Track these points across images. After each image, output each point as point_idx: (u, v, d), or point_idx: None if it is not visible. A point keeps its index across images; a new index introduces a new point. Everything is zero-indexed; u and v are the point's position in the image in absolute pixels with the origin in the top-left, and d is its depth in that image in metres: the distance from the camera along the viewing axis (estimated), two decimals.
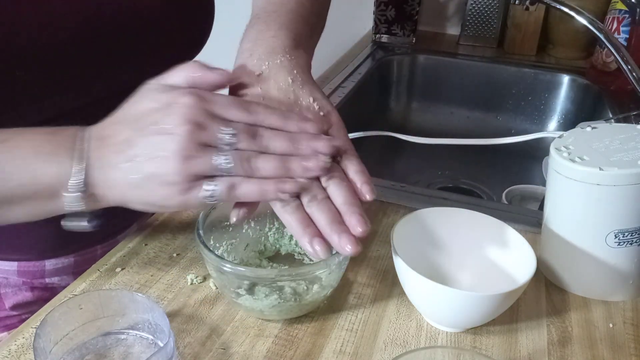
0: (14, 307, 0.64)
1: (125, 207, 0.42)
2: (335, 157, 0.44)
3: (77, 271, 0.66)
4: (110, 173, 0.40)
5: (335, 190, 0.42)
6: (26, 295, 0.64)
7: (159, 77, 0.43)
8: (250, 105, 0.43)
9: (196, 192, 0.40)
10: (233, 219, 0.44)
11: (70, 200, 0.41)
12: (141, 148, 0.39)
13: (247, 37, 0.50)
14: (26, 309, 0.65)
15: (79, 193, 0.40)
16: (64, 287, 0.66)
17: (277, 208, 0.42)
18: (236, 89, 0.47)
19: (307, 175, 0.41)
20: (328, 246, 0.41)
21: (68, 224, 0.44)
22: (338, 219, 0.41)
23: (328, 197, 0.42)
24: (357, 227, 0.41)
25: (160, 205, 0.41)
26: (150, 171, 0.39)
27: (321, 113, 0.46)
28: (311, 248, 0.41)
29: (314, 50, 0.57)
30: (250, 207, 0.45)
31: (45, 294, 0.66)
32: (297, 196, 0.42)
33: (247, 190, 0.40)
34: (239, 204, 0.44)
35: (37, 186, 0.41)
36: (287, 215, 0.42)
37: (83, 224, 0.44)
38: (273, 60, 0.47)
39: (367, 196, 0.43)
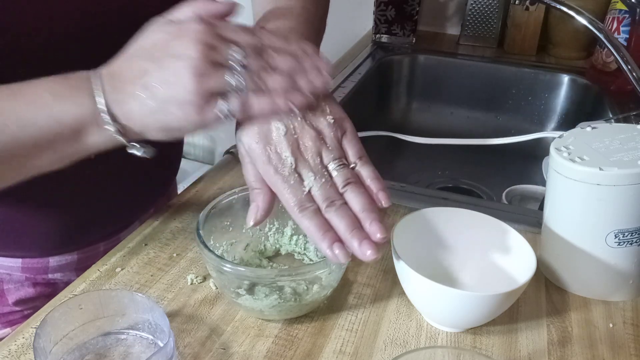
0: (17, 303, 0.65)
1: (146, 137, 0.43)
2: (350, 164, 0.45)
3: (80, 267, 0.66)
4: (127, 104, 0.41)
5: (353, 197, 0.43)
6: (29, 291, 0.65)
7: (164, 14, 0.44)
8: (255, 29, 0.45)
9: (212, 109, 0.41)
10: (250, 222, 0.45)
11: (106, 135, 0.42)
12: (155, 74, 0.40)
13: None
14: (29, 305, 0.66)
15: (112, 127, 0.42)
16: (66, 283, 0.66)
17: (295, 213, 0.43)
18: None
19: (313, 89, 0.43)
20: (347, 251, 0.42)
21: (130, 151, 0.44)
22: (357, 225, 0.42)
23: (346, 203, 0.43)
24: (376, 233, 0.42)
25: (178, 128, 0.42)
26: (166, 94, 0.40)
27: (330, 118, 0.46)
28: (331, 253, 0.42)
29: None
30: (266, 209, 0.45)
31: (48, 289, 0.66)
32: (312, 199, 0.43)
33: (260, 104, 0.42)
34: (254, 206, 0.45)
35: (61, 127, 0.41)
36: (305, 220, 0.43)
37: (140, 152, 0.44)
38: None
39: (384, 203, 0.44)
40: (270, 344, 0.48)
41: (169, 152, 0.69)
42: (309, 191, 0.43)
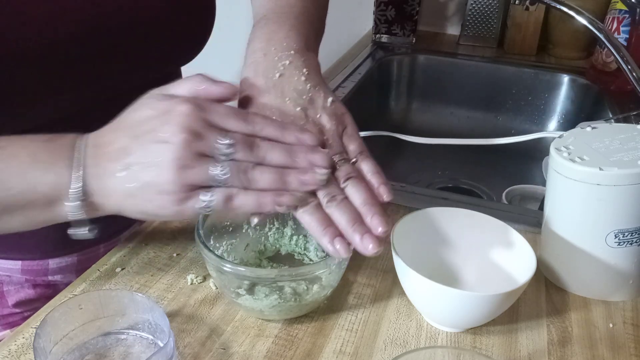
0: (17, 305, 0.65)
1: (120, 215, 0.42)
2: (351, 159, 0.45)
3: (80, 269, 0.66)
4: (106, 181, 0.40)
5: (354, 191, 0.43)
6: (29, 293, 0.65)
7: (161, 87, 0.43)
8: (248, 115, 0.42)
9: (192, 202, 0.39)
10: (254, 221, 0.44)
11: (71, 209, 0.41)
12: (137, 156, 0.39)
13: (258, 37, 0.50)
14: (29, 306, 0.66)
15: (79, 202, 0.40)
16: (66, 285, 0.66)
17: (297, 209, 0.42)
18: (245, 100, 0.47)
19: (303, 188, 0.42)
20: (348, 245, 0.42)
21: (72, 232, 0.44)
22: (359, 219, 0.42)
23: (347, 198, 0.43)
24: (378, 227, 0.41)
25: (155, 214, 0.41)
26: (146, 180, 0.39)
27: (331, 113, 0.46)
28: (332, 247, 0.41)
29: (318, 54, 0.58)
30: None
31: (48, 291, 0.66)
32: (315, 196, 0.42)
33: (244, 201, 0.40)
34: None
35: (34, 195, 0.40)
36: (306, 216, 0.42)
37: (84, 232, 0.44)
38: (288, 60, 0.47)
39: (385, 197, 0.44)
40: (270, 344, 0.48)
41: None
42: None
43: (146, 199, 0.39)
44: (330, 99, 0.47)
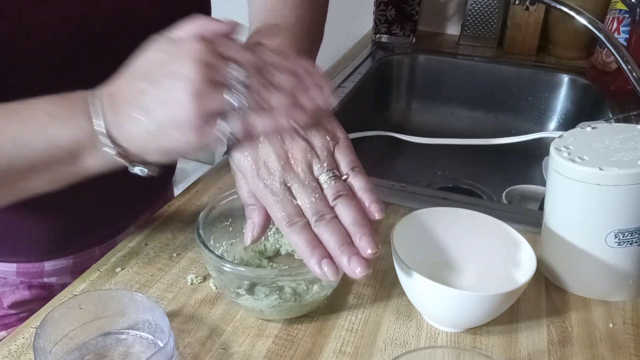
0: (12, 306, 0.65)
1: (146, 160, 0.42)
2: (342, 176, 0.43)
3: (75, 271, 0.66)
4: (126, 126, 0.40)
5: (344, 210, 0.42)
6: (24, 294, 0.65)
7: (164, 32, 0.43)
8: (256, 47, 0.44)
9: (212, 130, 0.40)
10: (248, 241, 0.44)
11: (109, 156, 0.41)
12: (153, 95, 0.39)
13: None
14: (24, 308, 0.65)
15: (112, 150, 0.41)
16: (62, 286, 0.66)
17: (283, 227, 0.41)
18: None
19: (315, 106, 0.42)
20: (336, 268, 0.40)
21: (132, 171, 0.44)
22: (347, 240, 0.41)
23: (336, 217, 0.42)
24: (366, 249, 0.40)
25: (178, 150, 0.41)
26: (165, 116, 0.39)
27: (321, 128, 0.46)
28: (319, 270, 0.40)
29: (315, 61, 0.57)
30: (262, 225, 0.44)
31: (43, 292, 0.66)
32: (302, 213, 0.42)
33: (262, 123, 0.41)
34: (251, 224, 0.44)
35: (57, 150, 0.41)
36: (294, 235, 0.41)
37: (144, 170, 0.44)
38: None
39: (377, 215, 0.42)
40: (270, 344, 0.48)
41: None
42: (298, 205, 0.42)
43: (167, 135, 0.40)
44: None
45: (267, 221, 0.44)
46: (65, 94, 0.42)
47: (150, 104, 0.39)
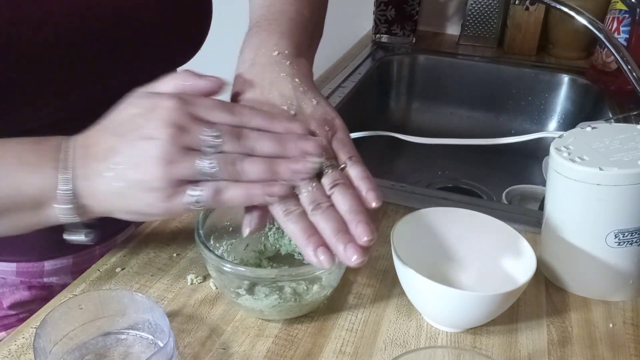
0: (12, 307, 0.65)
1: (112, 217, 0.41)
2: (341, 165, 0.43)
3: (75, 270, 0.66)
4: (94, 182, 0.39)
5: (340, 198, 0.41)
6: (24, 294, 0.64)
7: (147, 85, 0.42)
8: (234, 107, 0.42)
9: (180, 197, 0.39)
10: (246, 231, 0.43)
11: (61, 212, 0.40)
12: (124, 155, 0.38)
13: (248, 46, 0.49)
14: (24, 308, 0.65)
15: (70, 204, 0.40)
16: (61, 286, 0.66)
17: (280, 217, 0.41)
18: (236, 97, 0.46)
19: (295, 178, 0.40)
20: (332, 255, 0.40)
21: (68, 237, 0.43)
22: (343, 227, 0.40)
23: (332, 205, 0.41)
24: (362, 236, 0.39)
25: (145, 213, 0.40)
26: (133, 178, 0.38)
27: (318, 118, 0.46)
28: (315, 257, 0.40)
29: (314, 58, 0.57)
30: (261, 217, 0.43)
31: (43, 292, 0.66)
32: (299, 202, 0.41)
33: (234, 194, 0.39)
34: (249, 215, 0.43)
35: (22, 197, 0.40)
36: (290, 224, 0.40)
37: (81, 238, 0.43)
38: (275, 68, 0.47)
39: (373, 203, 0.42)
40: (270, 344, 0.48)
41: None
42: (295, 194, 0.41)
43: (134, 197, 0.39)
44: (319, 104, 0.46)
45: (265, 212, 0.43)
46: (39, 138, 0.41)
47: (120, 164, 0.38)
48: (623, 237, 0.51)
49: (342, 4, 1.44)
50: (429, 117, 1.26)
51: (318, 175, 0.42)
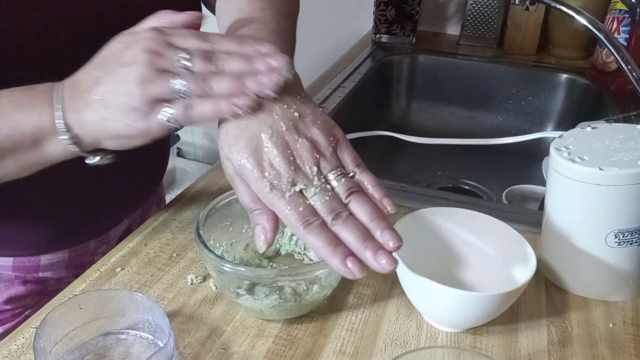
0: (7, 302, 0.65)
1: (100, 147, 0.44)
2: (349, 173, 0.43)
3: (70, 265, 0.67)
4: (82, 113, 0.42)
5: (359, 207, 0.41)
6: (19, 289, 0.65)
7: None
8: (207, 35, 0.44)
9: (156, 115, 0.41)
10: (262, 247, 0.43)
11: (61, 144, 0.42)
12: (107, 83, 0.41)
13: None
14: (19, 303, 0.66)
15: (66, 136, 0.42)
16: (57, 280, 0.67)
17: (299, 229, 0.40)
18: None
19: (262, 90, 0.42)
20: (362, 264, 0.39)
21: (90, 162, 0.45)
22: (368, 235, 0.40)
23: (351, 214, 0.41)
24: (389, 242, 0.40)
25: (126, 135, 0.42)
26: (114, 101, 0.41)
27: (321, 127, 0.45)
28: (345, 268, 0.39)
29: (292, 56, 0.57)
30: (273, 229, 0.43)
31: (38, 287, 0.66)
32: (316, 213, 0.41)
33: (203, 108, 0.41)
34: (260, 229, 0.43)
35: (21, 136, 0.42)
36: (311, 237, 0.40)
37: (97, 159, 0.45)
38: None
39: (389, 209, 0.42)
40: (270, 344, 0.48)
41: (154, 151, 0.69)
42: (311, 205, 0.41)
43: (116, 120, 0.41)
44: (319, 114, 0.45)
45: (277, 224, 0.43)
46: (32, 85, 0.44)
47: (104, 91, 0.41)
48: (623, 237, 0.51)
49: (342, 4, 1.44)
50: (429, 117, 1.26)
51: (331, 185, 0.42)
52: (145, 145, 0.43)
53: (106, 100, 0.41)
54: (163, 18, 0.44)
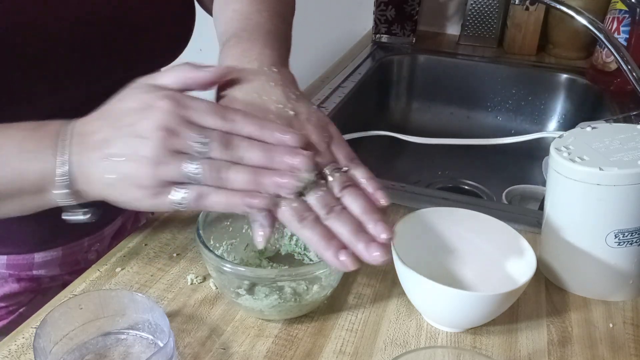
0: (2, 299, 0.65)
1: (105, 201, 0.43)
2: (342, 168, 0.44)
3: (64, 262, 0.67)
4: (88, 169, 0.41)
5: (352, 200, 0.42)
6: (13, 287, 0.65)
7: (150, 76, 0.43)
8: (228, 112, 0.42)
9: (166, 197, 0.40)
10: (260, 243, 0.42)
11: (59, 197, 0.42)
12: (117, 148, 0.40)
13: (230, 57, 0.49)
14: (13, 301, 0.66)
15: (66, 190, 0.41)
16: (50, 278, 0.67)
17: (293, 224, 0.41)
18: (232, 101, 0.46)
19: (279, 192, 0.40)
20: (355, 257, 0.40)
21: (67, 218, 0.44)
22: (361, 228, 0.41)
23: (345, 208, 0.42)
24: (381, 234, 0.40)
25: (133, 205, 0.42)
26: (123, 172, 0.40)
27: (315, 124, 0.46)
28: (337, 261, 0.40)
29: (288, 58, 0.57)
30: (271, 224, 0.43)
31: (32, 285, 0.66)
32: (310, 208, 0.41)
33: (215, 200, 0.40)
34: (258, 225, 0.43)
35: (23, 183, 0.42)
36: (306, 231, 0.41)
37: (80, 217, 0.44)
38: (264, 76, 0.47)
39: (382, 201, 0.43)
40: (270, 344, 0.48)
41: None
42: (305, 200, 0.41)
43: (124, 189, 0.40)
44: (313, 111, 0.46)
45: (274, 220, 0.43)
46: (39, 123, 0.42)
47: (113, 157, 0.40)
48: (623, 237, 0.51)
49: (342, 4, 1.44)
50: (429, 117, 1.26)
51: (324, 179, 0.42)
52: None
53: (115, 167, 0.40)
54: (185, 73, 0.43)
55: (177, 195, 0.40)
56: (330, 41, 1.44)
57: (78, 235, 0.67)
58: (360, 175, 0.44)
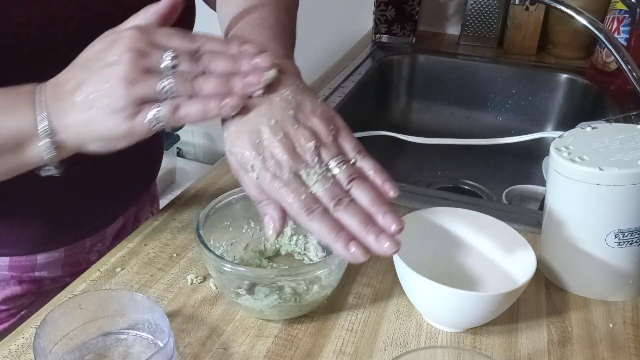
0: (3, 302, 0.65)
1: (84, 151, 0.43)
2: (350, 160, 0.44)
3: (66, 263, 0.67)
4: (66, 116, 0.41)
5: (360, 192, 0.42)
6: (15, 289, 0.65)
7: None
8: (192, 35, 0.44)
9: (142, 117, 0.41)
10: (271, 235, 0.43)
11: (42, 149, 0.42)
12: (91, 84, 0.41)
13: None
14: (15, 303, 0.66)
15: (48, 140, 0.42)
16: (52, 279, 0.67)
17: (302, 216, 0.41)
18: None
19: (249, 90, 0.42)
20: (365, 248, 0.40)
21: (43, 174, 0.45)
22: (370, 220, 0.41)
23: (353, 200, 0.42)
24: (391, 225, 0.40)
25: (112, 137, 0.42)
26: (99, 103, 0.41)
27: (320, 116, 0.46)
28: (347, 252, 0.40)
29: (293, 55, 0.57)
30: (282, 217, 0.43)
31: (34, 287, 0.66)
32: (318, 200, 0.41)
33: (190, 109, 0.41)
34: (269, 217, 0.43)
35: (3, 139, 0.42)
36: (314, 223, 0.41)
37: (51, 170, 0.45)
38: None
39: (391, 193, 0.43)
40: (270, 344, 0.48)
41: (147, 148, 0.69)
42: (312, 193, 0.41)
43: (100, 121, 0.41)
44: (318, 103, 0.46)
45: (284, 213, 0.43)
46: (12, 87, 0.43)
47: (88, 92, 0.41)
48: (623, 237, 0.51)
49: (342, 4, 1.44)
50: (429, 117, 1.26)
51: (332, 172, 0.42)
52: (140, 143, 0.43)
53: (91, 102, 0.41)
54: (147, 12, 0.44)
55: (153, 112, 0.41)
56: (330, 41, 1.44)
57: (80, 236, 0.67)
58: (368, 167, 0.44)
